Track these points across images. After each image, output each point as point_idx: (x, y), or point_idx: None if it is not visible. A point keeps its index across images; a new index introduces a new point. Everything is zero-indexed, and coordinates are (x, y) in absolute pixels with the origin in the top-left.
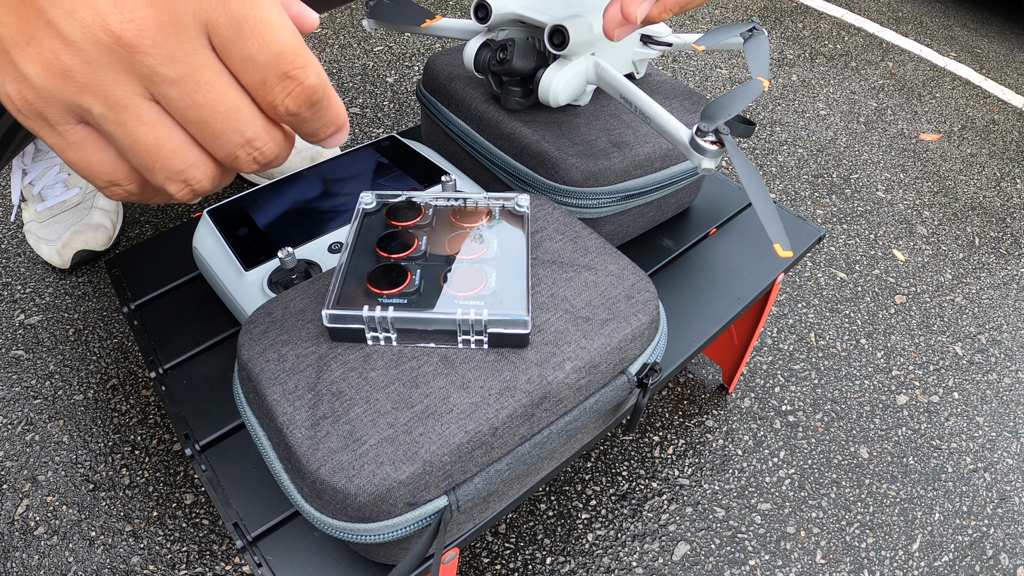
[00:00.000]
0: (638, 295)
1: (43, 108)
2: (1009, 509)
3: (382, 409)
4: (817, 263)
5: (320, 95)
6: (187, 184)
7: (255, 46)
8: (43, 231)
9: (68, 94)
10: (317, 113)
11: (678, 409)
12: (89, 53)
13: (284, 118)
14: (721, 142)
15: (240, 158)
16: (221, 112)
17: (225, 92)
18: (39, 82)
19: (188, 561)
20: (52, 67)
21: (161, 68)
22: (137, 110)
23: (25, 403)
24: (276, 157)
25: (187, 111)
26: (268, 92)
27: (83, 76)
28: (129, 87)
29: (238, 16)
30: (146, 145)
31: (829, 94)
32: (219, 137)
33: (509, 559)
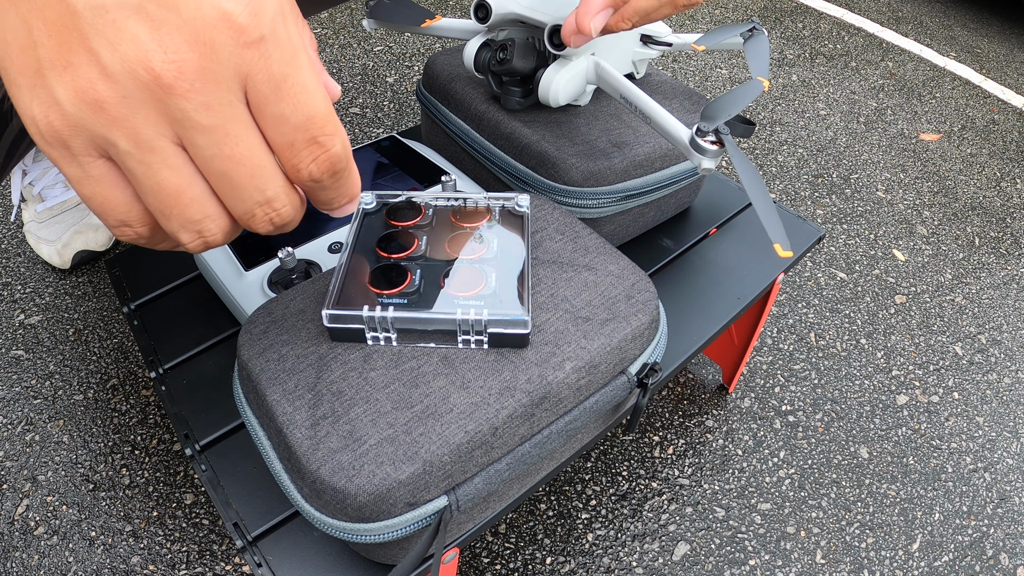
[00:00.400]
0: (638, 295)
1: (68, 137)
2: (1009, 509)
3: (382, 409)
4: (817, 263)
5: (343, 165)
6: (200, 235)
7: (290, 106)
8: (43, 231)
9: (97, 126)
10: (337, 182)
11: (678, 409)
12: (126, 87)
13: (305, 183)
14: (721, 142)
15: (257, 217)
16: (246, 167)
17: (253, 147)
18: (70, 109)
19: (188, 561)
20: (86, 96)
21: (195, 114)
22: (163, 152)
23: (25, 403)
24: (291, 221)
25: (213, 161)
26: (295, 155)
27: (116, 110)
28: (159, 128)
29: (278, 74)
30: (167, 189)
31: (829, 94)
32: (239, 192)
33: (509, 559)
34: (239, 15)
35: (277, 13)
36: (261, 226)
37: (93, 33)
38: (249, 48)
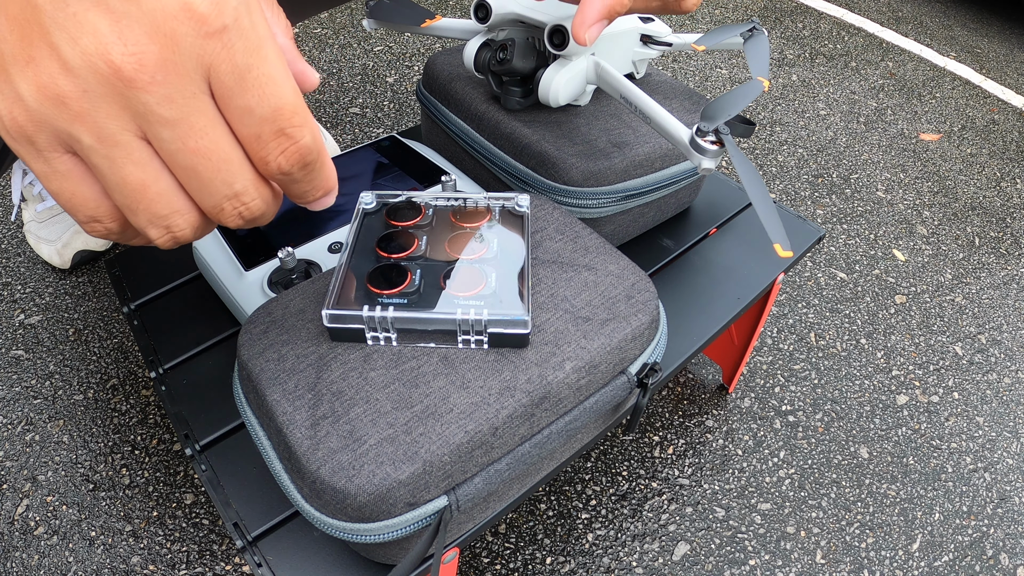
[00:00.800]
0: (638, 295)
1: (33, 132)
2: (1009, 509)
3: (382, 409)
4: (817, 263)
5: (314, 156)
6: (169, 231)
7: (255, 97)
8: (43, 231)
9: (60, 121)
10: (309, 175)
11: (678, 409)
12: (87, 81)
13: (275, 176)
14: (721, 142)
15: (225, 211)
16: (212, 160)
17: (218, 140)
18: (32, 104)
19: (188, 561)
20: (48, 91)
21: (157, 107)
22: (127, 147)
23: (25, 403)
24: (262, 215)
25: (178, 155)
26: (262, 147)
27: (77, 104)
28: (122, 122)
29: (242, 65)
30: (132, 184)
31: (829, 94)
32: (207, 186)
33: (509, 559)
34: (200, 5)
35: (241, 3)
36: (231, 220)
37: (54, 27)
38: (211, 38)
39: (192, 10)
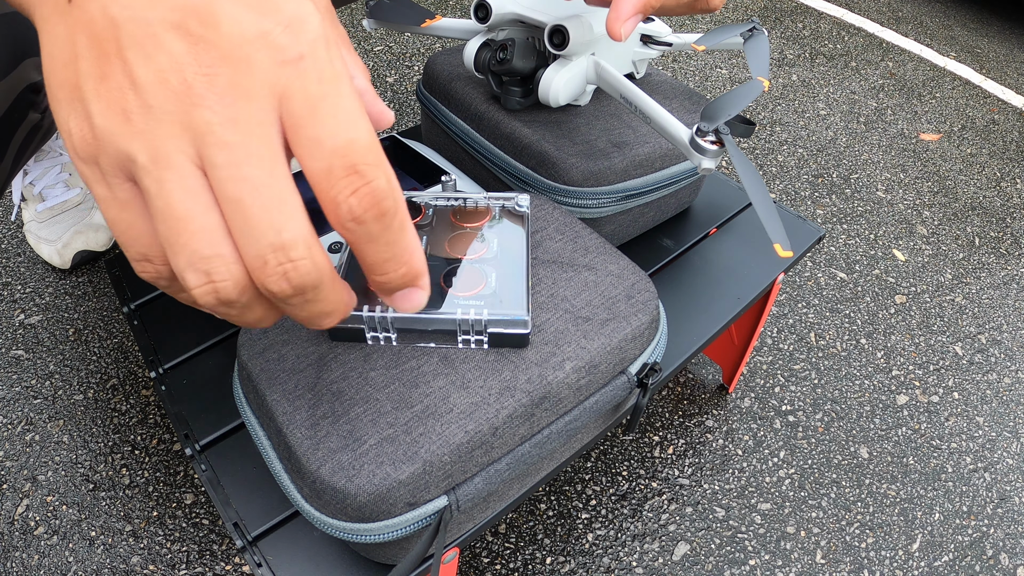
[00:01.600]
0: (638, 295)
1: (97, 152)
2: (1009, 509)
3: (382, 409)
4: (817, 263)
5: (390, 205)
6: (208, 277)
7: (328, 128)
8: (43, 231)
9: (121, 138)
10: (385, 231)
11: (678, 409)
12: (153, 97)
13: (346, 223)
14: (721, 142)
15: (269, 265)
16: (262, 195)
17: (274, 176)
18: (98, 121)
19: (188, 561)
20: (114, 106)
21: (219, 127)
22: (180, 170)
23: (25, 403)
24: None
25: (228, 182)
26: (332, 184)
27: (140, 120)
28: (180, 144)
29: (315, 94)
30: (176, 211)
31: (829, 94)
32: (252, 226)
33: (509, 559)
34: (278, 34)
35: (319, 37)
36: (274, 280)
37: (131, 45)
38: (286, 66)
39: (270, 38)
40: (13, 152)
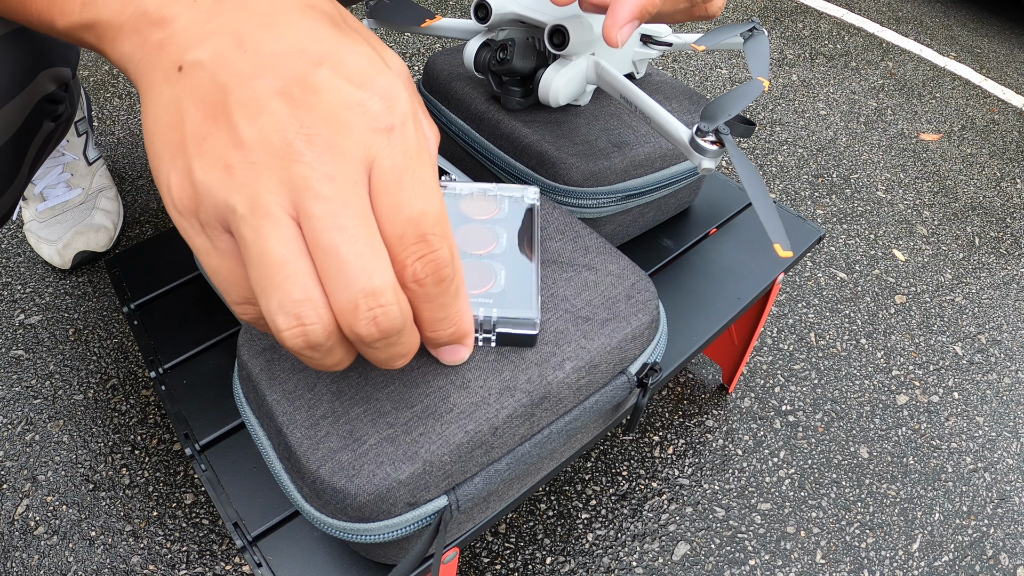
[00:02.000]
0: (638, 295)
1: (197, 205)
2: (1009, 509)
3: (382, 409)
4: (817, 263)
5: (449, 272)
6: (299, 320)
7: (408, 197)
8: (44, 231)
9: (222, 190)
10: (442, 294)
11: (678, 409)
12: (256, 153)
13: (409, 283)
14: (721, 142)
15: (360, 310)
16: (356, 245)
17: (366, 228)
18: (200, 176)
19: (188, 561)
20: (217, 162)
21: (317, 183)
22: (276, 220)
23: (25, 403)
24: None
25: (323, 232)
26: (403, 249)
27: (241, 174)
28: (278, 196)
29: (401, 164)
30: (271, 258)
31: (829, 94)
32: (345, 273)
33: (509, 559)
34: (374, 104)
35: (409, 110)
36: (363, 324)
37: (237, 107)
38: (379, 134)
39: (366, 106)
40: (29, 162)
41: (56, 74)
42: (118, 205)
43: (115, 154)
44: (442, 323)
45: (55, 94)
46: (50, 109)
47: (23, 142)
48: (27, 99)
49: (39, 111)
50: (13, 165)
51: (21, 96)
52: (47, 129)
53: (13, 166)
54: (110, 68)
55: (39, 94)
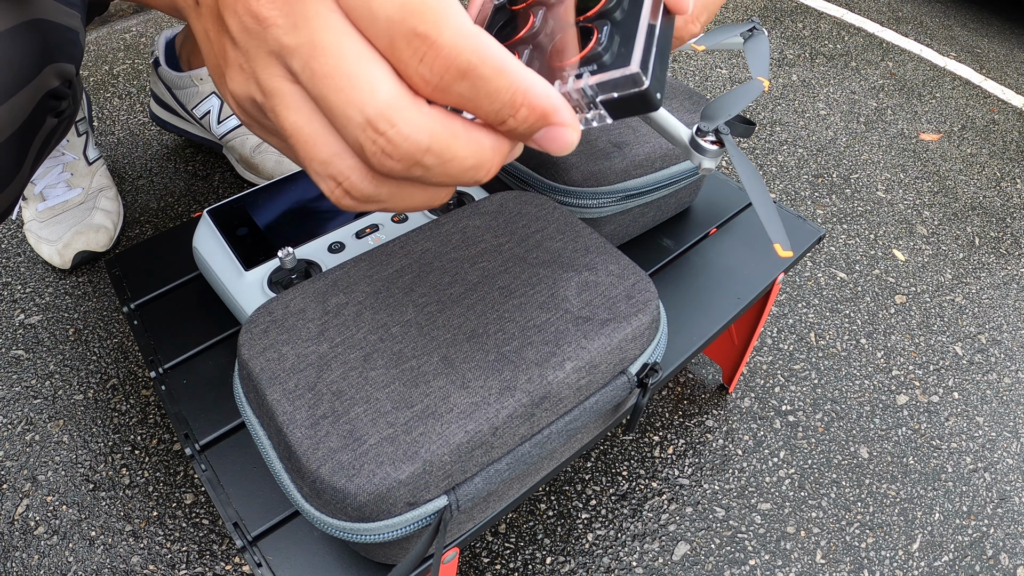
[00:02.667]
0: (638, 295)
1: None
2: (1009, 509)
3: (382, 409)
4: (817, 263)
5: (468, 59)
6: (335, 180)
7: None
8: (44, 231)
9: (245, 92)
10: (478, 82)
11: (678, 409)
12: (246, 43)
13: (433, 95)
14: (721, 142)
15: (366, 148)
16: (335, 80)
17: (344, 56)
18: (232, 87)
19: (188, 561)
20: (233, 70)
21: (284, 38)
22: (281, 93)
23: (25, 403)
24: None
25: (309, 83)
26: (400, 59)
27: (248, 68)
28: (274, 69)
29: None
30: (289, 130)
31: (829, 94)
32: (339, 116)
33: (509, 559)
34: None
35: None
36: (378, 161)
37: (224, 10)
38: None
39: None
40: (32, 158)
41: (60, 70)
42: (118, 205)
43: (115, 154)
44: (504, 111)
45: (59, 90)
46: (54, 105)
47: (27, 137)
48: (32, 94)
49: (43, 107)
50: (16, 160)
51: (26, 90)
52: (50, 125)
53: (16, 161)
54: (110, 68)
55: (43, 89)
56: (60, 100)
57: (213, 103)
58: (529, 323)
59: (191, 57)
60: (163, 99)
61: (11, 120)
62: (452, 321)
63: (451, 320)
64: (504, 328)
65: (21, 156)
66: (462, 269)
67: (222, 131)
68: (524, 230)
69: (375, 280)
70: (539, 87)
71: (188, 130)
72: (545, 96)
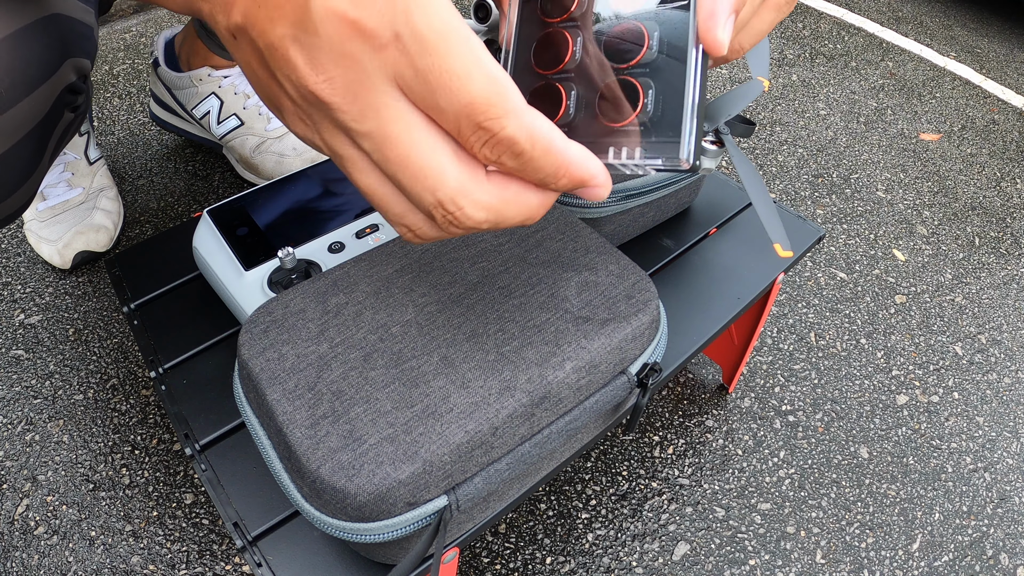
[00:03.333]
0: (638, 295)
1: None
2: (1009, 509)
3: (382, 409)
4: (817, 263)
5: (523, 146)
6: (409, 230)
7: (444, 97)
8: (44, 231)
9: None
10: (530, 163)
11: (678, 409)
12: (306, 110)
13: (490, 164)
14: (721, 142)
15: (438, 220)
16: (409, 169)
17: (416, 148)
18: (296, 130)
19: (188, 561)
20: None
21: (353, 124)
22: (352, 159)
23: (25, 403)
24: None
25: (381, 164)
26: (466, 141)
27: (311, 124)
28: (339, 139)
29: (423, 68)
30: (364, 189)
31: (829, 94)
32: (412, 195)
33: (509, 559)
34: (366, 20)
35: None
36: (449, 229)
37: (275, 67)
38: (386, 50)
39: (361, 27)
40: (50, 152)
41: (78, 64)
42: (118, 205)
43: (115, 154)
44: (549, 180)
45: (76, 84)
46: (71, 100)
47: (47, 130)
48: (52, 88)
49: (62, 101)
50: (37, 154)
51: (47, 84)
52: (67, 120)
53: (37, 155)
54: (110, 68)
55: (63, 83)
56: (77, 95)
57: (213, 103)
58: (529, 323)
59: (191, 57)
60: (163, 99)
61: (33, 114)
62: (452, 321)
63: (451, 320)
64: (504, 328)
65: (41, 150)
66: (462, 269)
67: (222, 131)
68: (524, 230)
69: (375, 280)
70: (580, 161)
71: (188, 130)
72: (584, 168)
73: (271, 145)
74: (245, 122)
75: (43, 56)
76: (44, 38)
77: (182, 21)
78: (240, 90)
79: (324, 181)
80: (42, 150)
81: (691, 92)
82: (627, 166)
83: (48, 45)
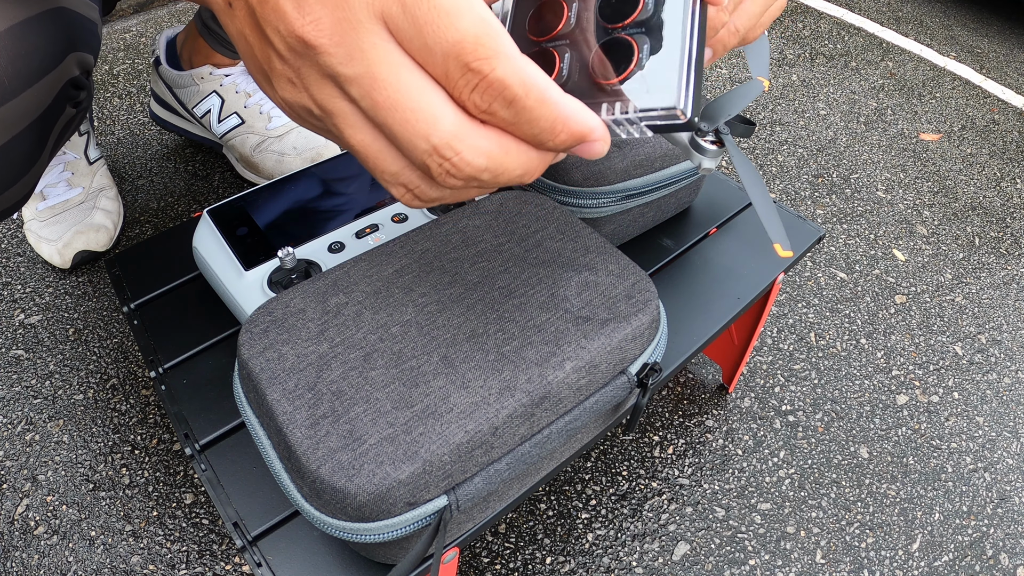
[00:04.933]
0: (638, 295)
1: (293, 116)
2: (1009, 509)
3: (382, 408)
4: (817, 263)
5: (516, 91)
6: (405, 188)
7: (430, 35)
8: (44, 230)
9: (300, 103)
10: (523, 112)
11: (678, 409)
12: (295, 62)
13: (482, 116)
14: (721, 142)
15: (433, 169)
16: (400, 112)
17: (404, 90)
18: (283, 95)
19: (188, 561)
20: (283, 81)
21: (340, 67)
22: (341, 113)
23: (25, 403)
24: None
25: (370, 112)
26: (454, 87)
27: (300, 83)
28: (329, 90)
29: (411, 4)
30: (356, 147)
31: (829, 94)
32: (404, 143)
33: (509, 559)
34: None
35: None
36: (444, 179)
37: (265, 25)
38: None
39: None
40: (50, 146)
41: (81, 59)
42: (118, 205)
43: (115, 154)
44: (545, 135)
45: (78, 79)
46: (73, 94)
47: (47, 125)
48: (54, 81)
49: (64, 95)
50: (36, 147)
51: (50, 77)
52: (68, 115)
53: (36, 148)
54: (110, 68)
55: (65, 77)
56: (79, 90)
57: (213, 102)
58: (529, 323)
59: (192, 56)
60: (163, 98)
61: (35, 106)
62: (452, 321)
63: (451, 320)
64: (504, 328)
65: (41, 144)
66: (462, 269)
67: (222, 130)
68: (524, 230)
69: (375, 280)
70: (577, 115)
71: (188, 129)
72: (583, 121)
73: (271, 144)
74: (246, 121)
75: (47, 48)
76: (48, 30)
77: (183, 21)
78: (241, 89)
79: (324, 181)
80: (42, 144)
81: (688, 43)
82: (621, 123)
83: (52, 37)
